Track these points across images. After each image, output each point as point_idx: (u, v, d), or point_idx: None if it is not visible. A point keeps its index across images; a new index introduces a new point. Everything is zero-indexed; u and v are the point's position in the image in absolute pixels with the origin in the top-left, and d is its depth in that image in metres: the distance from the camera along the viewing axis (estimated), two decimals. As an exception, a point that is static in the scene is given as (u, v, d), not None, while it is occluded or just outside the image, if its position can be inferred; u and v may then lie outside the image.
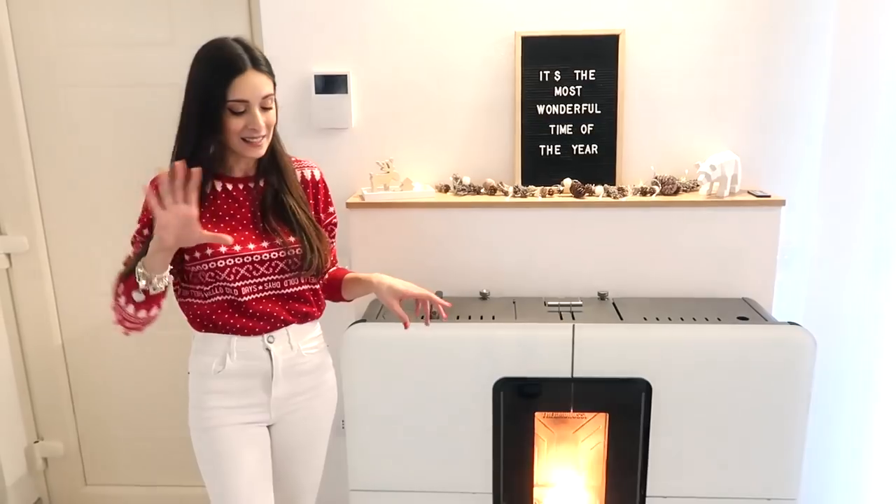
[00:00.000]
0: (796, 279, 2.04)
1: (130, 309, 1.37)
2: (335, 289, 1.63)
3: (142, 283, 1.34)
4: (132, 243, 1.45)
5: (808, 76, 1.94)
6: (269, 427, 1.55)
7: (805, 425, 1.72)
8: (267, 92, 1.38)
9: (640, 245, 1.93)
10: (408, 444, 1.80)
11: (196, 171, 1.28)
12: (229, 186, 1.47)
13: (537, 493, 1.87)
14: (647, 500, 1.79)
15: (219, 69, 1.34)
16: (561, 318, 1.79)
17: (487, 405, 1.75)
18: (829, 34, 1.90)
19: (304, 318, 1.54)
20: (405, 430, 1.79)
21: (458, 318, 1.80)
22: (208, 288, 1.45)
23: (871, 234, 1.83)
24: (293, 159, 1.54)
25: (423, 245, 1.97)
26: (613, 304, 1.90)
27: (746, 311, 1.82)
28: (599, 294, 1.94)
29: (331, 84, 2.01)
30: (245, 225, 1.46)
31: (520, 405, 1.77)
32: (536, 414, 1.81)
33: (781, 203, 1.88)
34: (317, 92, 2.01)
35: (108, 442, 2.50)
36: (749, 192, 1.94)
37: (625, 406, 1.76)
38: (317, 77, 2.00)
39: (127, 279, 1.36)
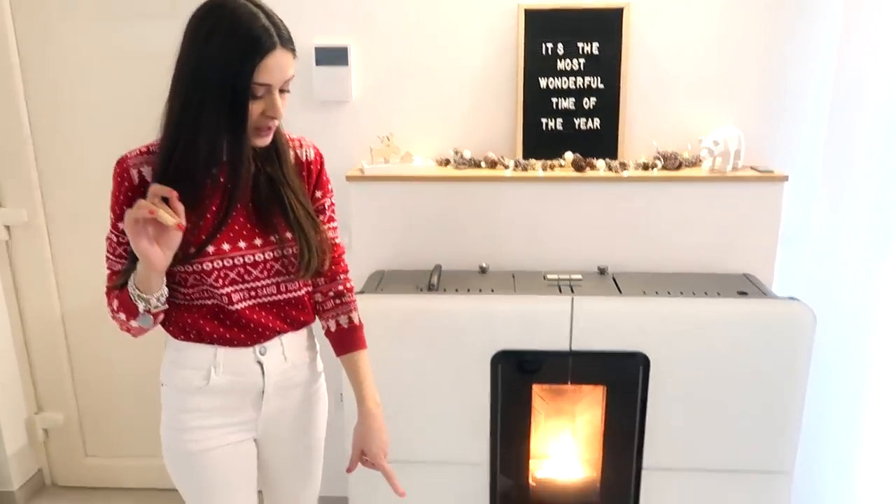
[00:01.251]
0: (797, 255, 2.04)
1: (135, 323, 1.22)
2: (339, 346, 1.41)
3: (141, 306, 1.18)
4: (111, 250, 1.23)
5: (814, 53, 1.92)
6: (256, 439, 1.38)
7: (802, 400, 1.73)
8: (291, 74, 1.17)
9: (641, 220, 1.93)
10: (406, 415, 1.80)
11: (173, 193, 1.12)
12: (215, 171, 1.21)
13: (534, 464, 1.88)
14: (642, 472, 1.81)
15: (244, 46, 1.09)
16: (560, 292, 1.79)
17: (486, 377, 1.76)
18: (837, 12, 1.87)
19: (299, 325, 1.36)
20: (403, 401, 1.79)
21: (457, 290, 1.80)
22: (192, 291, 1.25)
23: (873, 212, 1.82)
24: (288, 137, 1.31)
25: (422, 218, 1.96)
26: (613, 278, 1.90)
27: (746, 287, 1.82)
28: (599, 268, 1.94)
29: (331, 56, 1.99)
30: (234, 218, 1.23)
31: (518, 378, 1.77)
32: (534, 386, 1.81)
33: (784, 179, 1.87)
34: (317, 64, 2.00)
35: (108, 413, 2.51)
36: (752, 168, 1.93)
37: (623, 379, 1.76)
38: (317, 49, 1.99)
39: (121, 298, 1.19)
